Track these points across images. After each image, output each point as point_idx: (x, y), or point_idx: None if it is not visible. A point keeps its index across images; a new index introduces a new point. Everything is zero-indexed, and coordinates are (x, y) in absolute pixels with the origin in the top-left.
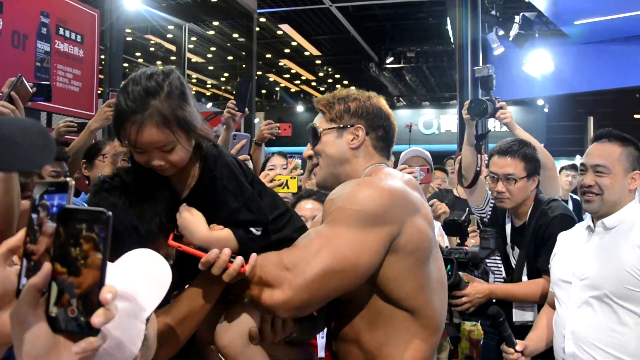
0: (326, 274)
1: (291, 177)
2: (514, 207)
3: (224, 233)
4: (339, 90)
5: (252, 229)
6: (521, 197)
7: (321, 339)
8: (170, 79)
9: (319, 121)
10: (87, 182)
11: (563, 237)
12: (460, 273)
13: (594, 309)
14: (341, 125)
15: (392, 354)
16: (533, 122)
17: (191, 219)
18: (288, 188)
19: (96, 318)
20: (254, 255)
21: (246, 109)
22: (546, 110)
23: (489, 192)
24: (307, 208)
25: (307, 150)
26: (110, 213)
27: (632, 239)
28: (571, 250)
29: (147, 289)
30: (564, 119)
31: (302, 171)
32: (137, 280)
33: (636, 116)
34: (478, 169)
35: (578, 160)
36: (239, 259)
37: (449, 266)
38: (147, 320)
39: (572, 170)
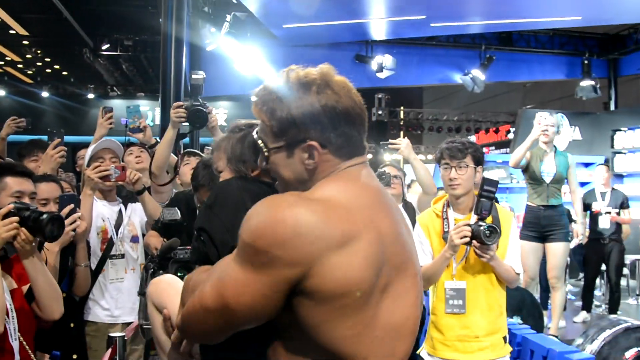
0: (202, 310)
1: None
2: None
3: None
4: (281, 74)
5: None
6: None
7: None
8: None
9: (264, 133)
10: None
11: None
12: None
13: None
14: (290, 143)
15: None
16: (248, 117)
17: None
18: None
19: None
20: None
21: None
22: None
23: None
24: None
25: (259, 161)
26: None
27: None
28: None
29: None
30: None
31: None
32: None
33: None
34: None
35: None
36: None
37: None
38: None
39: None
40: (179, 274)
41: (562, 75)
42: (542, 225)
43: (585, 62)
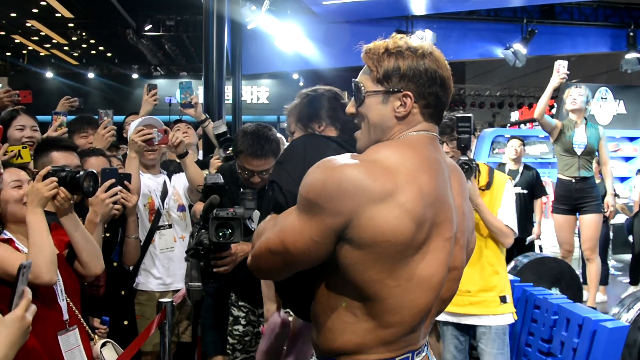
0: (267, 252)
1: (22, 147)
2: None
3: None
4: (392, 37)
5: None
6: None
7: None
8: None
9: (365, 78)
10: None
11: None
12: None
13: None
14: (388, 90)
15: (332, 327)
16: (289, 96)
17: None
18: (22, 158)
19: None
20: None
21: None
22: (301, 84)
23: None
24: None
25: (349, 106)
26: None
27: None
28: None
29: None
30: None
31: (67, 129)
32: None
33: None
34: None
35: None
36: None
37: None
38: None
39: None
40: (219, 233)
41: (606, 48)
42: (575, 198)
43: (631, 34)
